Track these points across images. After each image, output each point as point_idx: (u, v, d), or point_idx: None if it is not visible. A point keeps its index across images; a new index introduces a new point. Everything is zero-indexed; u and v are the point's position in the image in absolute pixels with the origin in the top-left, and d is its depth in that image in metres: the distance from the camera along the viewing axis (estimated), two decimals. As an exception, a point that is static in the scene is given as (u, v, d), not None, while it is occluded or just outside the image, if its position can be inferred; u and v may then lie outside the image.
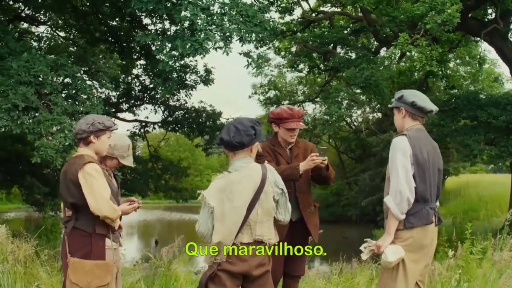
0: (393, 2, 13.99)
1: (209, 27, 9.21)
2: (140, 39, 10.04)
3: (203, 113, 17.65)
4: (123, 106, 18.49)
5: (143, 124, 19.32)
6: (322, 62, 19.02)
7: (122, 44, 15.32)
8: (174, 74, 12.26)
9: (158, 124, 18.87)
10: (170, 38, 9.83)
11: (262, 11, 10.26)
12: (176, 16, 9.17)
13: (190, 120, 17.67)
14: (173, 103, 17.99)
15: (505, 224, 6.24)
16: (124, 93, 17.89)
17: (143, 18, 13.88)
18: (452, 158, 22.07)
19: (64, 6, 13.74)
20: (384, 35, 15.09)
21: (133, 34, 14.38)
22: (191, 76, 15.75)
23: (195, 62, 15.19)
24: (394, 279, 3.16)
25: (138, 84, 17.93)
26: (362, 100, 18.28)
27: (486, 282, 4.91)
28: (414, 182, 3.11)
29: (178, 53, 9.31)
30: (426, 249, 3.22)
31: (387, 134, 20.31)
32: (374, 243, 3.20)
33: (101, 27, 15.55)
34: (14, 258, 5.14)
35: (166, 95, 14.64)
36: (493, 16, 15.04)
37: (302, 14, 17.86)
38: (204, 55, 9.56)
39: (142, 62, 16.59)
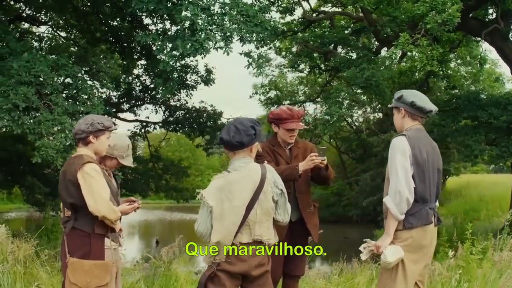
0: (393, 2, 13.98)
1: (209, 27, 9.20)
2: (140, 39, 10.04)
3: (204, 113, 17.65)
4: (124, 106, 18.51)
5: (144, 124, 19.33)
6: (323, 62, 18.98)
7: (123, 44, 15.31)
8: (174, 74, 12.25)
9: (159, 124, 18.88)
10: (170, 38, 9.82)
11: (262, 11, 10.26)
12: (176, 16, 9.17)
13: (190, 120, 17.67)
14: (173, 103, 17.99)
15: (505, 224, 6.23)
16: (124, 93, 17.91)
17: (144, 18, 13.88)
18: (453, 158, 22.03)
19: (65, 6, 13.75)
20: (384, 35, 15.08)
21: (133, 34, 14.39)
22: (192, 76, 15.76)
23: (196, 62, 15.21)
24: (393, 280, 3.16)
25: (138, 84, 17.96)
26: (363, 100, 18.29)
27: (486, 282, 4.91)
28: (413, 182, 3.11)
29: (179, 53, 9.30)
30: (426, 249, 3.22)
31: (388, 134, 20.28)
32: (374, 244, 3.20)
33: (102, 27, 15.55)
34: (14, 258, 5.14)
35: (166, 95, 14.62)
36: (493, 16, 15.02)
37: (303, 14, 17.83)
38: (204, 55, 9.55)
39: (143, 62, 16.59)
